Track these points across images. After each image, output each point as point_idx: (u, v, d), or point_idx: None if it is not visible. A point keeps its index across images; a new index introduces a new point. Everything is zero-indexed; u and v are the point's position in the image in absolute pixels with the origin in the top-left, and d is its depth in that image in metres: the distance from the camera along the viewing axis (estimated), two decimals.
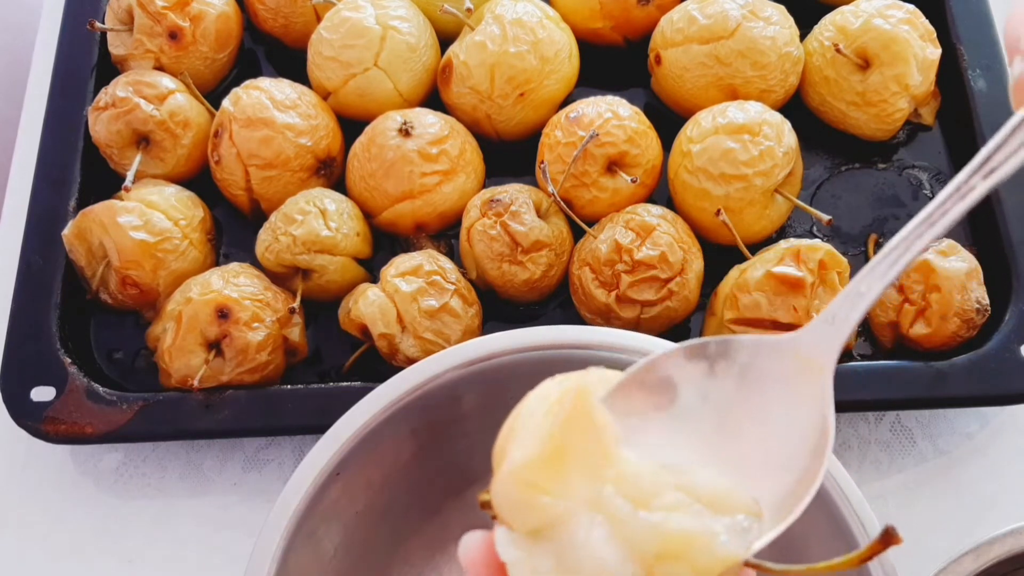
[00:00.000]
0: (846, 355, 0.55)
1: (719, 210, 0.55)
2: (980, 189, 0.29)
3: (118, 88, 0.60)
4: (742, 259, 0.56)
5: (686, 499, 0.27)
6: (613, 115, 0.57)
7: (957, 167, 0.62)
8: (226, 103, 0.59)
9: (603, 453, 0.27)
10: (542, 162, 0.58)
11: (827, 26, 0.61)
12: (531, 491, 0.27)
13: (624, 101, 0.59)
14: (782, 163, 0.55)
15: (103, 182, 0.61)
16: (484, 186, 0.61)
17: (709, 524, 0.27)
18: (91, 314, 0.60)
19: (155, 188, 0.59)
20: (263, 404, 0.54)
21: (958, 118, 0.62)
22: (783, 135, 0.56)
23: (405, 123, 0.58)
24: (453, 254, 0.60)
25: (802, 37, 0.62)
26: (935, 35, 0.60)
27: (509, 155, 0.62)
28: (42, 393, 0.54)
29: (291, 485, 0.43)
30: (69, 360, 0.55)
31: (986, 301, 0.54)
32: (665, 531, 0.26)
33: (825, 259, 0.53)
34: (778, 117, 0.56)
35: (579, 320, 0.57)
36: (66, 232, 0.57)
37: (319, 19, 0.63)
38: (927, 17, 0.60)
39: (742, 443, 0.29)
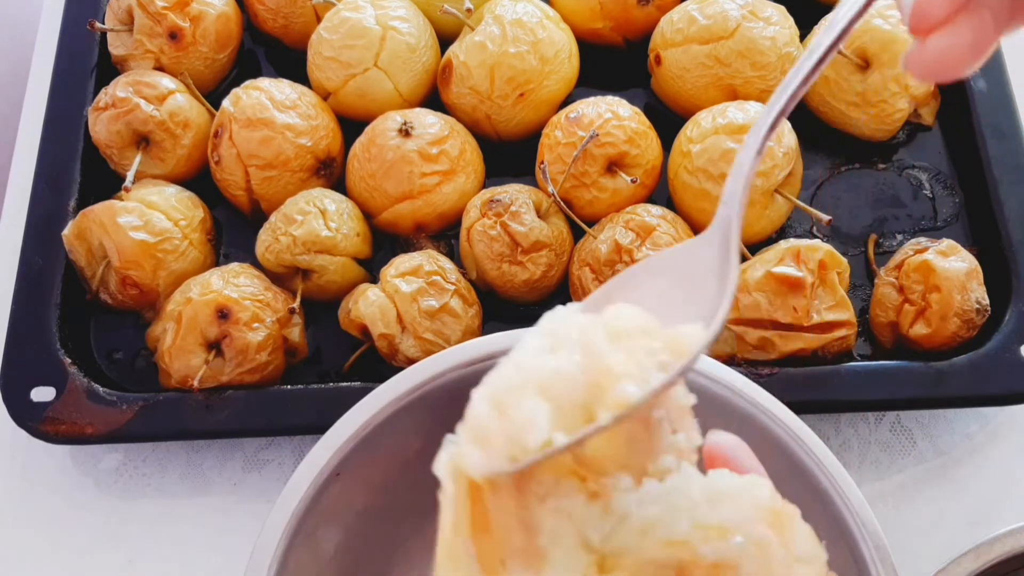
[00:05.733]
0: (846, 355, 0.55)
1: None
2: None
3: (118, 88, 0.60)
4: (742, 259, 0.56)
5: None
6: (613, 115, 0.57)
7: (957, 167, 0.62)
8: (226, 103, 0.59)
9: None
10: (542, 162, 0.58)
11: None
12: None
13: (624, 101, 0.59)
14: (782, 163, 0.55)
15: (103, 182, 0.61)
16: (484, 186, 0.61)
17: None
18: (91, 314, 0.60)
19: (155, 188, 0.59)
20: (263, 404, 0.54)
21: (958, 118, 0.61)
22: (783, 135, 0.56)
23: (405, 123, 0.58)
24: (453, 254, 0.60)
25: (802, 37, 0.62)
26: None
27: (509, 155, 0.62)
28: (42, 393, 0.54)
29: (291, 485, 0.43)
30: (69, 360, 0.55)
31: (986, 301, 0.54)
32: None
33: (825, 259, 0.53)
34: None
35: None
36: (66, 232, 0.57)
37: (319, 19, 0.63)
38: None
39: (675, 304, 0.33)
